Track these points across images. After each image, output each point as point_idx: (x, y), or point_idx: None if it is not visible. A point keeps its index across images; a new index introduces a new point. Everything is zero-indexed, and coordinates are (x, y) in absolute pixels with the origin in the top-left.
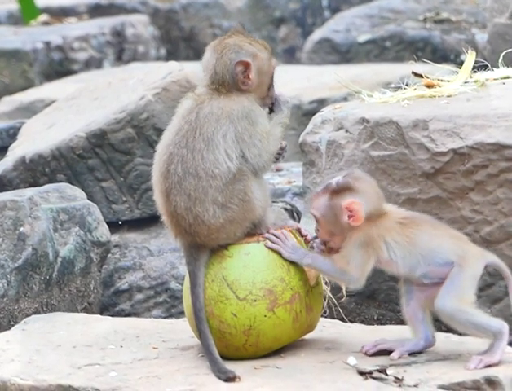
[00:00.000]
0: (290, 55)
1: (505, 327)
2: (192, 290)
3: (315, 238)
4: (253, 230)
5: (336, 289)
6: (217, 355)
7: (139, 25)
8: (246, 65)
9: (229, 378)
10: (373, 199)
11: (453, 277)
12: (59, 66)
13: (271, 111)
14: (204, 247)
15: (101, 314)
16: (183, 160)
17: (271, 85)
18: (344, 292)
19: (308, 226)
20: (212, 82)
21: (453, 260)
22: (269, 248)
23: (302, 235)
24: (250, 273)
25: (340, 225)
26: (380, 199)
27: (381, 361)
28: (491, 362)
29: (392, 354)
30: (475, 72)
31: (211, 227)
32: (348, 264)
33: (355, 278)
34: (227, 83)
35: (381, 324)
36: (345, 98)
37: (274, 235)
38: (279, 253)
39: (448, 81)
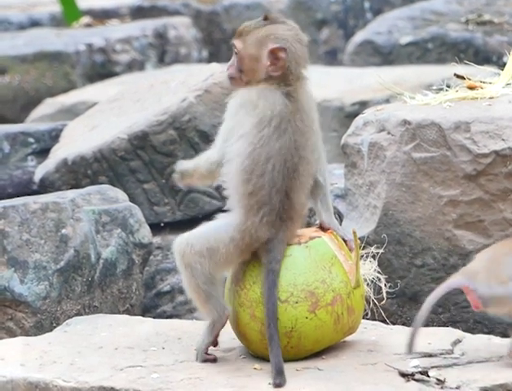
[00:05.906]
0: (332, 57)
1: None
2: (271, 291)
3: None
4: None
5: (377, 291)
6: (282, 363)
7: (181, 27)
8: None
9: (278, 385)
10: None
11: None
12: (101, 68)
13: None
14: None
15: (143, 315)
16: (308, 163)
17: None
18: (384, 295)
19: (350, 228)
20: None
21: None
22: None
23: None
24: (292, 275)
25: None
26: None
27: (423, 363)
28: None
29: None
30: None
31: (301, 223)
32: None
33: None
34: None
35: (423, 326)
36: (387, 100)
37: None
38: (320, 255)
39: (491, 83)
